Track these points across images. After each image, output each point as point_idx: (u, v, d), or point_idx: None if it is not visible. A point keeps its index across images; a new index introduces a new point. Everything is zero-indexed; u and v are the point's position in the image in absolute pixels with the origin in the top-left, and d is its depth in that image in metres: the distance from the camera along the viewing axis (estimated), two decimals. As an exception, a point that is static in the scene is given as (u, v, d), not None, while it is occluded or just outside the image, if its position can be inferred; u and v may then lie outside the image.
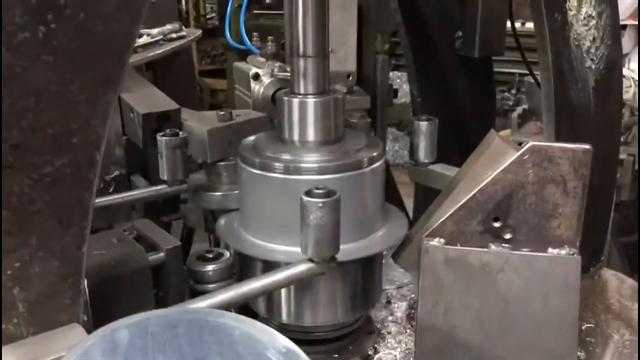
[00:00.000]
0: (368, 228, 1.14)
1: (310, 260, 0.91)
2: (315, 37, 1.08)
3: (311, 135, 1.12)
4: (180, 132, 1.22)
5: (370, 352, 1.22)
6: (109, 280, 0.89)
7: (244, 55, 1.89)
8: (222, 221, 1.19)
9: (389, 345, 1.24)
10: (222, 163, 1.29)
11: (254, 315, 1.22)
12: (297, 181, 1.05)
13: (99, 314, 0.89)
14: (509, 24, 1.67)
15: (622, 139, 2.89)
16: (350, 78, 1.57)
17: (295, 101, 1.11)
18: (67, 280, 0.72)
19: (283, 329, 1.19)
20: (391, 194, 1.74)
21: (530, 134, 3.56)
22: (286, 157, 1.09)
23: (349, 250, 1.07)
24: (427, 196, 1.58)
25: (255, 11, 5.24)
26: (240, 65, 1.71)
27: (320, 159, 1.09)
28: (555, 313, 1.05)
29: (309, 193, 0.89)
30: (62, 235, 0.70)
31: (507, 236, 1.06)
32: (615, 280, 1.53)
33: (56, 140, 0.67)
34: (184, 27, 3.26)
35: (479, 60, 1.63)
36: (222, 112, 1.30)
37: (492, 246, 1.06)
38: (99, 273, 0.88)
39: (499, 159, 1.05)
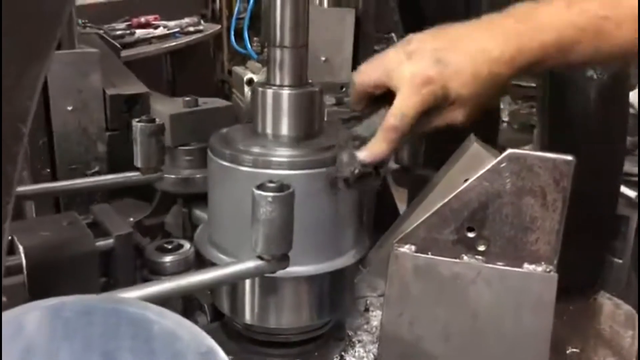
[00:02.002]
0: (341, 231, 1.09)
1: (260, 257, 0.87)
2: (293, 26, 1.04)
3: (285, 129, 1.08)
4: (157, 119, 1.19)
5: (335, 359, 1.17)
6: (51, 263, 0.86)
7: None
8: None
9: (356, 354, 1.19)
10: (183, 148, 1.29)
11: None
12: (266, 175, 1.01)
13: (40, 298, 0.86)
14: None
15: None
16: (344, 89, 1.52)
17: (269, 92, 1.07)
18: (-16, 258, 0.68)
19: (247, 329, 1.15)
20: (385, 199, 1.69)
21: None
22: (256, 150, 1.05)
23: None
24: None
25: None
26: (238, 69, 1.70)
27: (291, 153, 1.05)
28: (527, 333, 0.99)
29: (261, 186, 0.84)
30: (-22, 210, 0.66)
31: (481, 248, 1.00)
32: (610, 305, 1.45)
33: (-25, 110, 0.64)
34: (202, 22, 3.27)
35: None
36: (188, 98, 1.30)
37: (465, 257, 1.00)
38: (40, 255, 0.85)
39: (476, 165, 0.99)
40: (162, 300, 0.83)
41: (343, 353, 1.19)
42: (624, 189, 1.62)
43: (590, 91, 1.26)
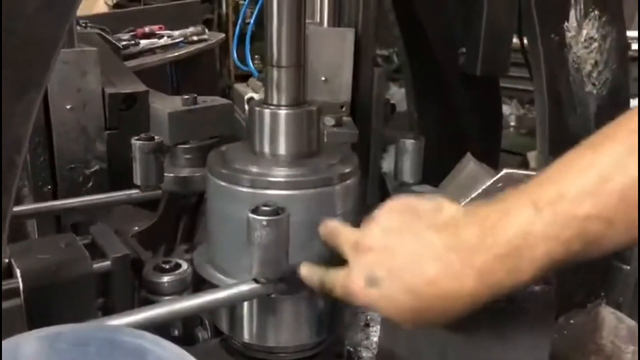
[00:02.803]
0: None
1: (255, 280, 0.87)
2: (290, 46, 1.04)
3: (282, 149, 1.08)
4: (156, 137, 1.20)
5: (335, 377, 1.17)
6: (48, 286, 0.86)
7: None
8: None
9: (355, 371, 1.19)
10: (182, 146, 1.29)
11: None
12: (263, 196, 1.01)
13: (37, 321, 0.87)
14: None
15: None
16: (344, 109, 1.52)
17: (267, 112, 1.07)
18: (-21, 287, 0.69)
19: (246, 347, 1.15)
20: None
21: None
22: (253, 169, 1.05)
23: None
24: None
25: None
26: (239, 87, 1.70)
27: (289, 173, 1.05)
28: (525, 350, 0.98)
29: (255, 210, 0.84)
30: (-28, 241, 0.67)
31: (479, 266, 1.00)
32: (613, 319, 1.44)
33: (-31, 142, 0.65)
34: (206, 30, 3.29)
35: (483, 76, 1.57)
36: (186, 97, 1.31)
37: (462, 275, 1.00)
38: (38, 278, 0.86)
39: (472, 184, 0.99)
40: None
41: (342, 370, 1.19)
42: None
43: (590, 106, 1.26)
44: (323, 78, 1.46)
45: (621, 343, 1.33)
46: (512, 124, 5.28)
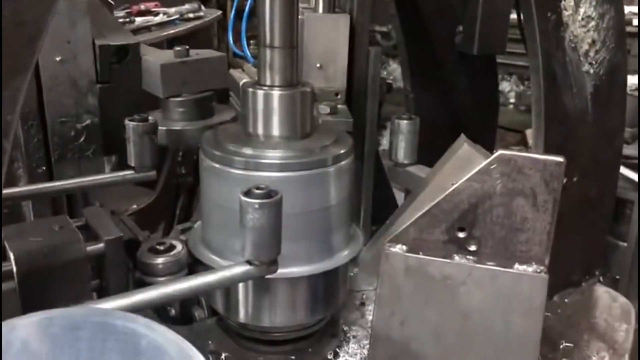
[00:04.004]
0: (334, 232, 1.09)
1: (249, 262, 0.87)
2: (283, 27, 1.03)
3: (276, 130, 1.08)
4: (150, 118, 1.19)
5: (329, 356, 1.18)
6: (41, 269, 0.87)
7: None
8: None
9: (350, 350, 1.20)
10: (175, 99, 1.27)
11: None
12: (257, 178, 1.01)
13: (32, 303, 0.87)
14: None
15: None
16: (339, 96, 1.50)
17: (260, 93, 1.06)
18: (-30, 271, 0.69)
19: (242, 327, 1.16)
20: (384, 194, 1.69)
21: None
22: (247, 151, 1.05)
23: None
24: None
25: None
26: (234, 73, 1.67)
27: (283, 155, 1.04)
28: (517, 334, 0.99)
29: (247, 193, 0.84)
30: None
31: (472, 248, 1.00)
32: (607, 298, 1.44)
33: (-43, 127, 0.64)
34: (203, 7, 3.25)
35: (480, 55, 1.55)
36: (179, 49, 1.29)
37: (456, 257, 1.01)
38: (31, 261, 0.86)
39: (466, 166, 0.99)
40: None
41: (337, 349, 1.20)
42: (629, 173, 1.61)
43: (587, 86, 1.25)
44: (318, 65, 1.45)
45: (614, 321, 1.34)
46: (512, 100, 5.26)
